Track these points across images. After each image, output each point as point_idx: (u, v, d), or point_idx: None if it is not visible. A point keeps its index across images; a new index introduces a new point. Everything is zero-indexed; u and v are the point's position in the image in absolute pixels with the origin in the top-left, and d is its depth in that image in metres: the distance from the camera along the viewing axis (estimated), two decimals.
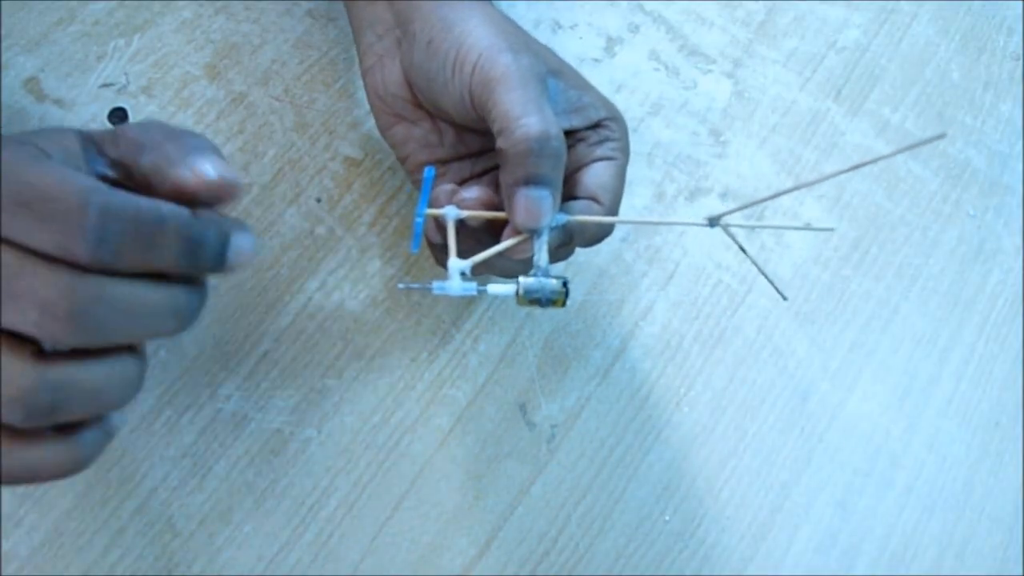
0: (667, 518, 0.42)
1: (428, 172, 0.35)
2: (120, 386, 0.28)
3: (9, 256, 0.25)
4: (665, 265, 0.47)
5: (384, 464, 0.41)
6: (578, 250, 0.39)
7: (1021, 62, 0.56)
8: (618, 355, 0.44)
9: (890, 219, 0.50)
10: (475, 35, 0.36)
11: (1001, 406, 0.47)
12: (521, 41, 0.36)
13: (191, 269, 0.27)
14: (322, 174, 0.45)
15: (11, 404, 0.25)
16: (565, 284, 0.34)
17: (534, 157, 0.33)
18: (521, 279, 0.34)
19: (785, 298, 0.37)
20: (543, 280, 0.34)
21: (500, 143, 0.34)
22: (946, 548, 0.44)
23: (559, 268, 0.45)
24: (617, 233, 0.47)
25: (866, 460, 0.45)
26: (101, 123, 0.44)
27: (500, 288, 0.34)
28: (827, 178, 0.33)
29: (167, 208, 0.26)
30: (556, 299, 0.34)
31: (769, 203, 0.49)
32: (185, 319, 0.28)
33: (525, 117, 0.33)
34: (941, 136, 0.29)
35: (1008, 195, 0.52)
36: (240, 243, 0.28)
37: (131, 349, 0.28)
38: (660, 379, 0.44)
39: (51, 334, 0.25)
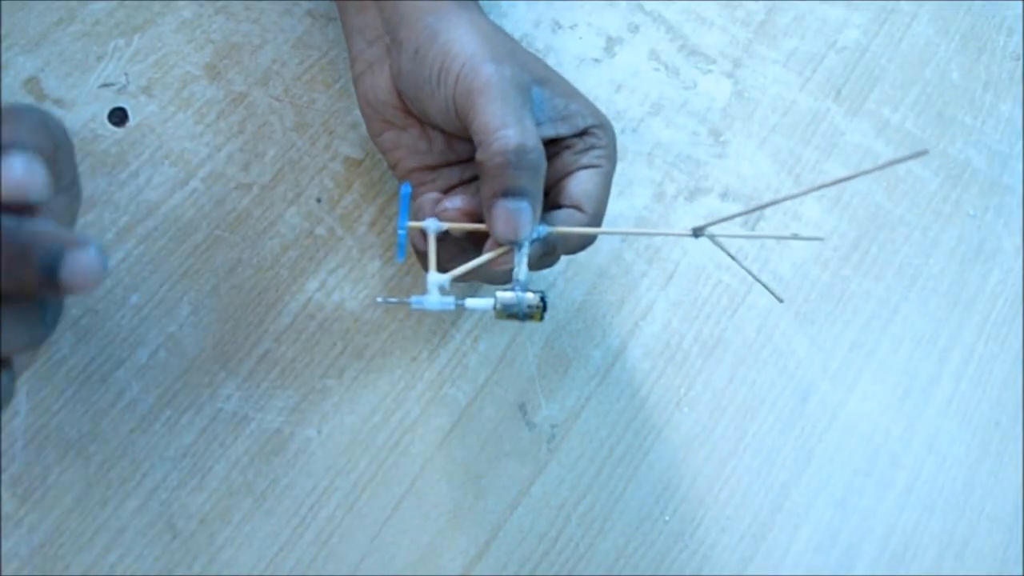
0: (667, 518, 0.42)
1: (404, 189, 0.35)
2: None
3: None
4: (665, 265, 0.47)
5: (384, 464, 0.41)
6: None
7: (1021, 62, 0.56)
8: (618, 355, 0.44)
9: (890, 219, 0.50)
10: (459, 44, 0.36)
11: (1001, 406, 0.47)
12: (506, 50, 0.36)
13: (16, 287, 0.24)
14: (322, 174, 0.45)
15: None
16: (543, 299, 0.34)
17: (512, 169, 0.33)
18: (498, 293, 0.34)
19: (781, 300, 0.37)
20: (520, 295, 0.34)
21: (478, 155, 0.34)
22: (946, 548, 0.44)
23: (552, 271, 0.45)
24: None
25: (866, 460, 0.45)
26: (101, 123, 0.44)
27: (478, 303, 0.34)
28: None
29: None
30: (533, 313, 0.34)
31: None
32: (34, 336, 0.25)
33: (503, 129, 0.33)
34: (923, 153, 0.29)
35: (1008, 195, 0.52)
36: (78, 260, 0.23)
37: None
38: (660, 379, 0.44)
39: None
